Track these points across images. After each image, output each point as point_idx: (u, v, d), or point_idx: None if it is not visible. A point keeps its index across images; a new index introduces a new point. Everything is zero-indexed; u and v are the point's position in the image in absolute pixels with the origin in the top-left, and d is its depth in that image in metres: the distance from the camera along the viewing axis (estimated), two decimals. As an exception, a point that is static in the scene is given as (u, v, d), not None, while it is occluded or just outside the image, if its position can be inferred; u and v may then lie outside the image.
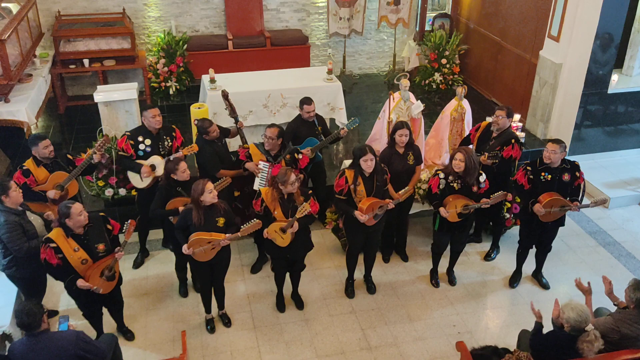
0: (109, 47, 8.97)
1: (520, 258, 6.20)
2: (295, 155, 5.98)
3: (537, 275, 6.27)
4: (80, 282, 4.69)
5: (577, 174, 5.63)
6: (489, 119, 6.75)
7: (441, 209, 5.60)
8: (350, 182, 5.46)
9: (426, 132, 7.27)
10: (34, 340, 3.92)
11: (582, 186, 5.69)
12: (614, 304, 4.72)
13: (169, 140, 5.97)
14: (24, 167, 5.38)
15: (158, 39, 9.43)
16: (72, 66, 8.92)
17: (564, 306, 4.18)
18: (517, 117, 7.16)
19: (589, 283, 4.83)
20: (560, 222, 5.83)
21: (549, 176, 5.59)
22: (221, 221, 5.05)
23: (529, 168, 5.70)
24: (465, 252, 6.68)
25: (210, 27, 9.97)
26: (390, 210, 5.65)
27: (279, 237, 5.26)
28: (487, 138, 6.16)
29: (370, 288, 6.12)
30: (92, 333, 5.16)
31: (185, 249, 4.98)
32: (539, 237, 5.95)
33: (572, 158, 8.10)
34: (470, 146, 6.26)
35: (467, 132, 6.84)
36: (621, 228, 7.21)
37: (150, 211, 5.45)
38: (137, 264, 6.46)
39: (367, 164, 5.35)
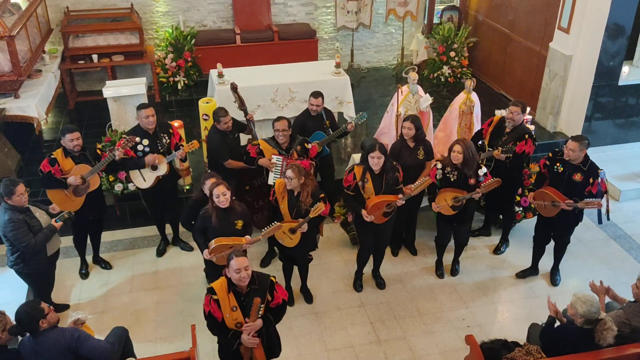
0: (118, 43, 8.99)
1: (535, 253, 6.15)
2: (305, 145, 5.98)
3: (552, 271, 6.19)
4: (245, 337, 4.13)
5: (592, 180, 5.40)
6: (498, 112, 6.71)
7: (433, 204, 5.62)
8: (359, 179, 5.41)
9: (435, 126, 7.25)
10: (37, 340, 3.96)
11: (600, 194, 5.47)
12: (620, 307, 4.69)
13: (167, 138, 5.97)
14: (52, 156, 5.50)
15: (166, 33, 9.44)
16: (81, 62, 8.95)
17: (573, 302, 4.16)
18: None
19: (601, 282, 4.80)
20: (570, 218, 5.68)
21: (561, 168, 5.51)
22: (239, 224, 4.96)
23: (550, 154, 5.66)
24: (474, 245, 6.67)
25: (218, 22, 9.96)
26: (401, 205, 5.65)
27: (287, 237, 5.23)
28: (500, 133, 6.10)
29: (380, 284, 6.11)
30: (99, 327, 5.20)
31: (206, 254, 4.91)
32: (551, 231, 5.89)
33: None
34: (482, 141, 6.23)
35: (476, 125, 6.81)
36: (632, 221, 7.15)
37: (182, 223, 5.57)
38: (160, 252, 6.53)
39: (374, 161, 5.28)
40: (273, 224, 4.95)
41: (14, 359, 4.00)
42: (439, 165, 5.61)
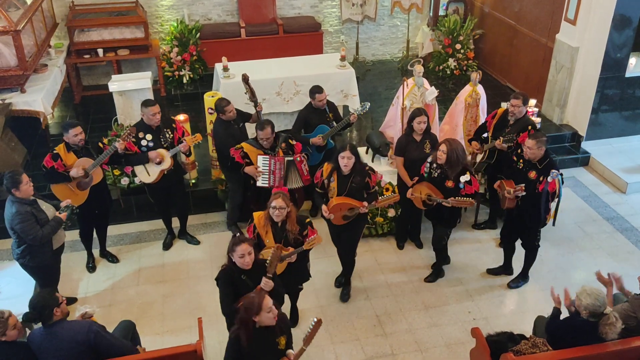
0: (123, 37, 8.99)
1: (504, 251, 6.07)
2: (290, 141, 5.94)
3: (519, 274, 6.04)
4: None
5: (542, 178, 5.26)
6: (504, 105, 6.69)
7: (409, 190, 5.61)
8: (325, 176, 5.29)
9: (440, 118, 7.23)
10: (48, 331, 3.98)
11: (546, 194, 5.31)
12: (626, 300, 4.67)
13: (170, 133, 5.98)
14: (54, 151, 5.54)
15: (171, 27, 9.44)
16: (87, 56, 8.97)
17: (579, 293, 4.16)
18: (532, 102, 7.08)
19: (609, 275, 4.79)
20: (529, 216, 5.51)
21: (522, 165, 5.47)
22: (282, 341, 4.06)
23: (519, 151, 5.59)
24: (480, 238, 6.67)
25: (222, 15, 9.95)
26: (406, 197, 5.63)
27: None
28: (503, 125, 6.09)
29: (343, 294, 5.80)
30: (106, 321, 5.24)
31: None
32: (514, 228, 5.76)
33: (589, 143, 8.07)
34: (486, 134, 6.21)
35: (481, 118, 6.80)
36: (639, 213, 7.12)
37: (226, 313, 4.46)
38: (167, 246, 6.57)
39: (344, 161, 5.09)
40: (313, 323, 4.01)
41: (22, 352, 4.02)
42: (430, 159, 5.58)
